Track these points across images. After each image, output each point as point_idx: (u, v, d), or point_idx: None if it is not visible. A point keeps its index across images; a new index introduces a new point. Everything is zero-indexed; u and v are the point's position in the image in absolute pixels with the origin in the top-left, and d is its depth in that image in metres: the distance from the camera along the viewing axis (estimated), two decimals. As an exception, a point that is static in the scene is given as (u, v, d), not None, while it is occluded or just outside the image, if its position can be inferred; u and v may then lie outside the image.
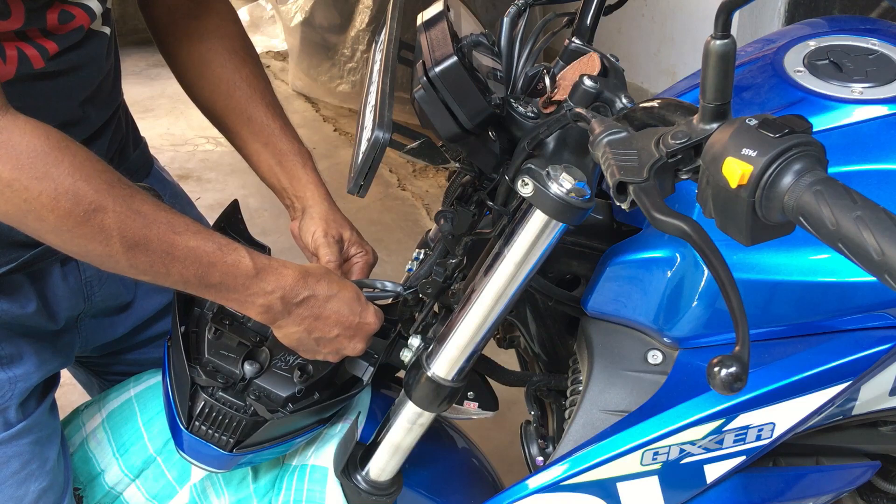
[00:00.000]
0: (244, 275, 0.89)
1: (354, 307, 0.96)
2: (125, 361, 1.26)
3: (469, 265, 0.98)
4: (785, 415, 0.91)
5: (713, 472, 0.94)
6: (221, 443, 0.98)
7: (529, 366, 1.24)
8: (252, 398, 0.99)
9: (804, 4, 3.10)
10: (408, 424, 0.98)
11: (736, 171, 0.59)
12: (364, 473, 1.03)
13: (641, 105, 0.77)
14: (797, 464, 1.07)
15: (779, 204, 0.58)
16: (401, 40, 0.95)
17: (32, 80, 0.94)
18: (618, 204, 0.68)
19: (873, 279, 0.54)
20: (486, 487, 1.20)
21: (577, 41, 1.01)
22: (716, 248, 0.61)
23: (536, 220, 0.84)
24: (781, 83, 0.95)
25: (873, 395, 0.98)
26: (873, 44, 0.97)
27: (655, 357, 0.97)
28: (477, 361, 0.96)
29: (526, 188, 0.81)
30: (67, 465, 1.11)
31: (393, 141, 0.83)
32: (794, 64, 0.96)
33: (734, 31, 0.62)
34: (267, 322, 0.94)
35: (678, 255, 0.91)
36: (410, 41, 0.98)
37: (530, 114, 0.88)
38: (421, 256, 1.09)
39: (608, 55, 0.90)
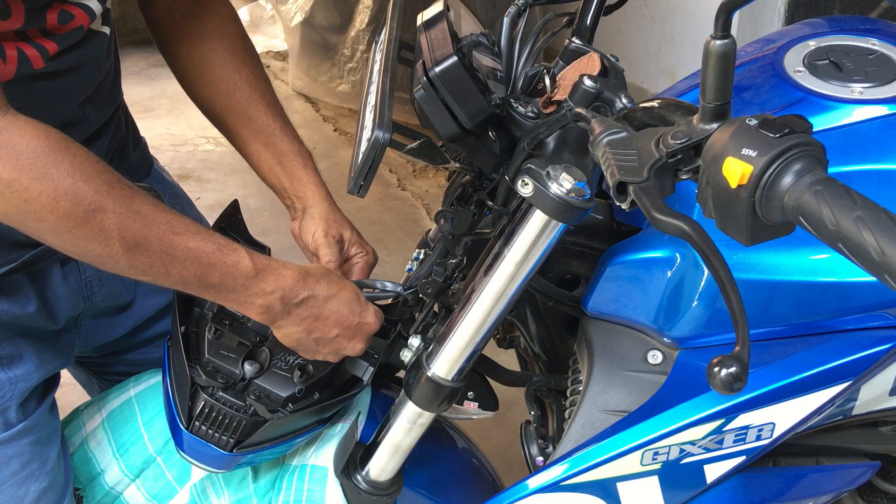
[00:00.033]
0: (244, 275, 0.89)
1: (354, 307, 0.96)
2: (125, 361, 1.26)
3: (469, 265, 0.97)
4: (785, 415, 0.91)
5: (713, 472, 0.94)
6: (221, 443, 0.98)
7: (529, 366, 1.24)
8: (252, 398, 0.99)
9: (804, 4, 3.10)
10: (408, 424, 0.98)
11: (736, 171, 0.59)
12: (364, 473, 1.03)
13: (641, 105, 0.77)
14: (797, 464, 1.07)
15: (779, 204, 0.58)
16: (401, 40, 0.95)
17: (32, 81, 0.94)
18: (618, 204, 0.68)
19: (873, 279, 0.54)
20: (486, 487, 1.20)
21: (577, 41, 1.01)
22: (716, 248, 0.61)
23: (536, 220, 0.84)
24: (781, 83, 0.95)
25: (873, 395, 0.98)
26: (873, 44, 0.97)
27: (655, 357, 0.97)
28: (477, 361, 0.96)
29: (526, 188, 0.81)
30: (67, 466, 1.11)
31: (393, 141, 0.83)
32: (794, 64, 0.96)
33: (734, 31, 0.62)
34: (267, 322, 0.94)
35: (678, 255, 0.91)
36: (410, 41, 0.97)
37: (530, 114, 0.88)
38: (421, 256, 1.09)
39: (608, 55, 0.90)
